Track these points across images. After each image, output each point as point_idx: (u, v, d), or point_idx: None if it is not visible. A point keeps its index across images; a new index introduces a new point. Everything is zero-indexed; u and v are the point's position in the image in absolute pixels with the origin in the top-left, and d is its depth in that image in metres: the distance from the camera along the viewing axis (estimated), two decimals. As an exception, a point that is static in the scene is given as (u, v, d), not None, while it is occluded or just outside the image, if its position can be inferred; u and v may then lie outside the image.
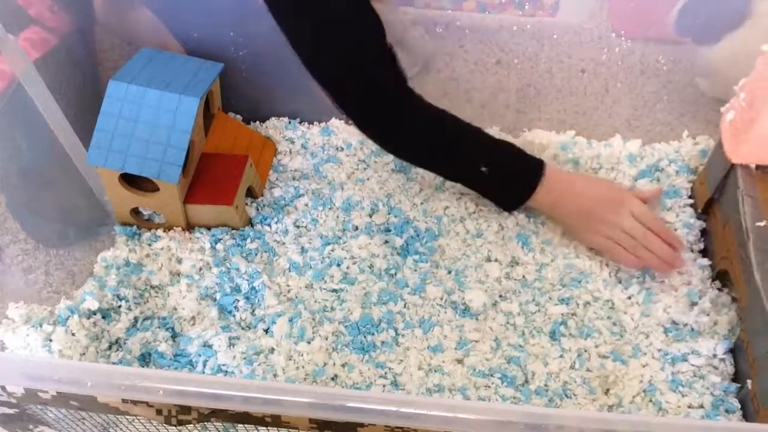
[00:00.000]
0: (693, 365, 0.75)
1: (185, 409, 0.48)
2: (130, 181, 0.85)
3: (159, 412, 0.49)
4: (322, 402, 0.45)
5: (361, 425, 0.47)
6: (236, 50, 0.92)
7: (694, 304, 0.80)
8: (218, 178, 0.87)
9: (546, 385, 0.74)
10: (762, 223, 0.74)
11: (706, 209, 0.87)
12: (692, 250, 0.85)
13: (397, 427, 0.47)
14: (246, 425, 0.50)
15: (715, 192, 0.84)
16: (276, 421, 0.48)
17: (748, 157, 0.79)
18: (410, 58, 0.97)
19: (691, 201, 0.89)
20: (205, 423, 0.50)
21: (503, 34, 0.93)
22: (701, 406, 0.72)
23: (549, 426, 0.45)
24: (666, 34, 0.91)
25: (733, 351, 0.76)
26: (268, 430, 0.50)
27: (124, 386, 0.46)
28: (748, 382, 0.72)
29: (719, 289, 0.81)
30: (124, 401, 0.48)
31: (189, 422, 0.49)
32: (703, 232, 0.87)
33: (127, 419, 0.66)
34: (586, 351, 0.77)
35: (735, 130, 0.79)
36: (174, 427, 0.66)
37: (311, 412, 0.46)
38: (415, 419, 0.45)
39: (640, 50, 0.92)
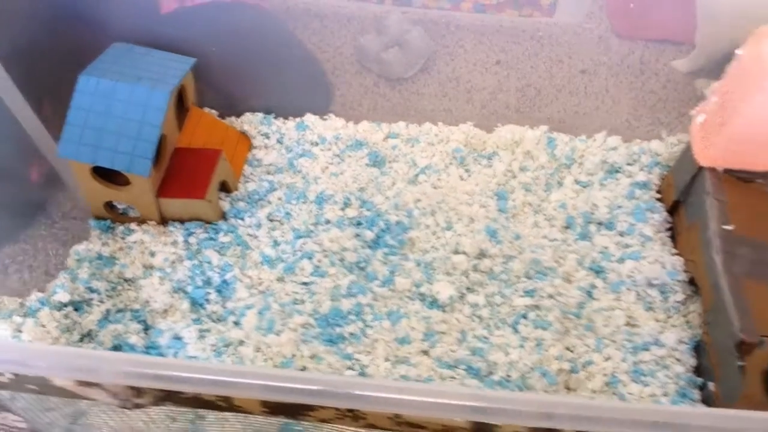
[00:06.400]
0: (655, 355, 0.76)
1: (139, 392, 0.49)
2: (103, 175, 0.85)
3: (114, 395, 0.49)
4: (273, 384, 0.46)
5: (312, 408, 0.48)
6: (209, 45, 0.93)
7: (660, 299, 0.81)
8: (191, 172, 0.88)
9: (508, 376, 0.75)
10: (729, 227, 0.75)
11: (671, 212, 0.88)
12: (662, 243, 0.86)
13: (347, 410, 0.48)
14: (203, 409, 0.50)
15: (682, 195, 0.85)
16: (229, 404, 0.49)
17: (716, 161, 0.79)
18: (410, 58, 0.98)
19: (659, 195, 0.90)
20: (162, 406, 0.51)
21: (503, 34, 0.93)
22: (665, 395, 0.73)
23: (493, 409, 0.45)
24: (666, 35, 0.92)
25: (696, 346, 0.77)
26: (237, 416, 0.51)
27: (76, 367, 0.47)
28: (711, 384, 0.73)
29: (684, 283, 0.82)
30: (80, 384, 0.49)
31: (144, 405, 0.50)
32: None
33: (99, 409, 0.66)
34: (548, 342, 0.77)
35: (705, 133, 0.80)
36: (146, 416, 0.67)
37: (262, 394, 0.47)
38: (365, 401, 0.46)
39: (640, 50, 0.92)
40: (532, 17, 0.91)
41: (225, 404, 0.48)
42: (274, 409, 0.49)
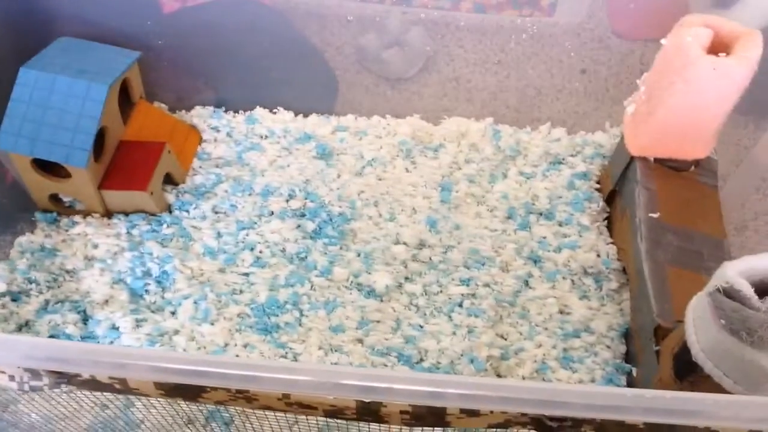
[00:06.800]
0: (585, 342, 0.77)
1: (36, 375, 0.49)
2: (47, 167, 0.86)
3: (11, 377, 0.50)
4: (160, 365, 0.46)
5: (205, 389, 0.49)
6: (156, 39, 0.94)
7: (594, 287, 0.82)
8: (134, 165, 0.89)
9: (438, 363, 0.76)
10: (655, 215, 0.76)
11: (609, 201, 0.88)
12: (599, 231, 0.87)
13: (238, 392, 0.48)
14: (98, 392, 0.51)
15: (617, 184, 0.86)
16: (125, 386, 0.50)
17: (645, 150, 0.80)
18: (410, 58, 0.99)
19: (598, 185, 0.91)
20: (59, 389, 0.52)
21: (503, 34, 0.94)
22: (592, 380, 0.74)
23: (379, 389, 0.46)
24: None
25: (626, 333, 0.78)
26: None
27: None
28: (634, 369, 0.73)
29: (618, 271, 0.83)
30: (-21, 368, 0.50)
31: (41, 389, 0.51)
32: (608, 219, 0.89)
33: (27, 399, 0.67)
34: (480, 329, 0.78)
35: (635, 123, 0.81)
36: (77, 403, 0.67)
37: (153, 376, 0.47)
38: (252, 381, 0.46)
39: (640, 50, 0.93)
40: (532, 17, 0.92)
41: (121, 387, 0.49)
42: (168, 391, 0.49)
